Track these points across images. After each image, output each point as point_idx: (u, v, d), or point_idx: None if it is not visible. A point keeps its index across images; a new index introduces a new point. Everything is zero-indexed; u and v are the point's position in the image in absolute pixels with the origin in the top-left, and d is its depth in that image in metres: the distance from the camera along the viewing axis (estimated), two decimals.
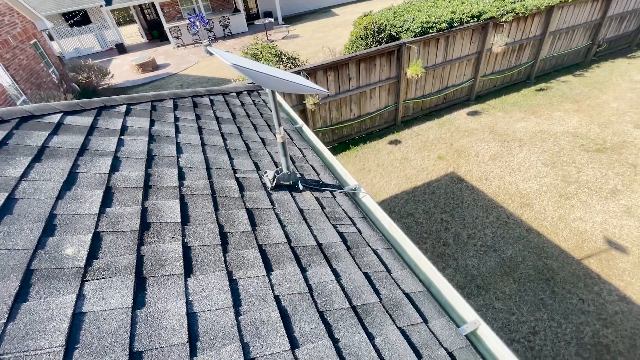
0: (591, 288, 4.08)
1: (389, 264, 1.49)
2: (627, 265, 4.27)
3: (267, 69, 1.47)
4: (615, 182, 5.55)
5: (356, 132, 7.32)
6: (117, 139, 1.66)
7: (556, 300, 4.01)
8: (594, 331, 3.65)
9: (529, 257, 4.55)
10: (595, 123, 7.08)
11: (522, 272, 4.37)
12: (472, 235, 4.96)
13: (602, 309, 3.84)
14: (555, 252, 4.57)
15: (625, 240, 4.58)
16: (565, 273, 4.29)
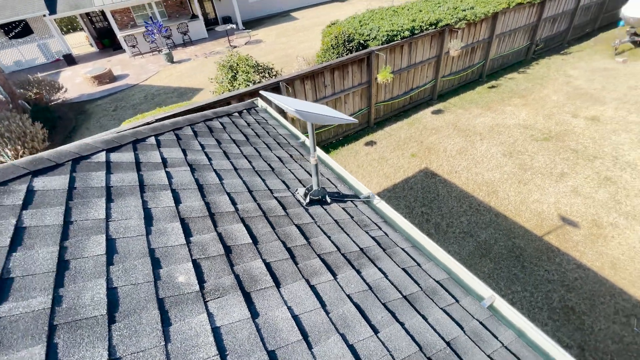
0: (553, 260, 4.76)
1: (417, 259, 1.80)
2: (580, 237, 5.03)
3: (309, 107, 1.71)
4: (562, 166, 6.43)
5: (334, 135, 7.65)
6: (165, 172, 1.79)
7: (526, 273, 4.64)
8: (560, 296, 4.30)
9: (500, 239, 5.17)
10: (541, 115, 8.06)
11: (496, 253, 4.96)
12: (450, 224, 5.50)
13: (564, 276, 4.53)
14: (520, 232, 5.24)
15: (576, 216, 5.37)
16: (531, 249, 4.95)
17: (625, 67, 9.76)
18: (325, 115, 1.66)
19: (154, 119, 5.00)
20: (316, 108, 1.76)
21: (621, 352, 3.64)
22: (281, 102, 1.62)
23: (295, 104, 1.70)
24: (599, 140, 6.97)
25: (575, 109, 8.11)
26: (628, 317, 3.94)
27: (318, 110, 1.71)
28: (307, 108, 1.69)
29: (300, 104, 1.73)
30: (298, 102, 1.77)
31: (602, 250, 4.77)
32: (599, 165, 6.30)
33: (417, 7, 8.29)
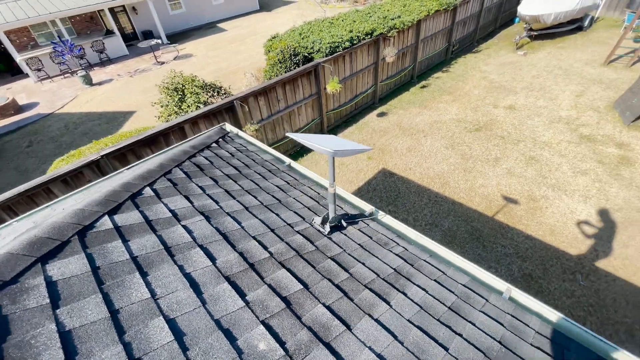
0: (506, 235, 5.46)
1: (439, 267, 1.95)
2: (522, 212, 5.84)
3: (326, 140, 1.74)
4: (495, 152, 7.38)
5: (292, 147, 7.66)
6: (182, 227, 1.65)
7: (488, 252, 5.24)
8: (518, 267, 4.95)
9: (460, 225, 5.74)
10: (469, 108, 9.14)
11: (460, 238, 5.50)
12: (416, 218, 5.93)
13: (518, 248, 5.22)
14: (475, 216, 5.89)
15: (515, 194, 6.22)
16: (487, 230, 5.60)
17: (526, 59, 11.60)
18: (346, 150, 1.70)
19: (98, 155, 4.47)
20: (332, 141, 1.80)
21: (575, 305, 4.35)
22: (308, 142, 1.62)
23: (315, 139, 1.71)
24: (519, 125, 8.17)
25: (494, 100, 9.37)
26: (573, 274, 4.72)
27: (336, 144, 1.75)
28: (327, 142, 1.72)
29: (318, 139, 1.75)
30: (314, 137, 1.79)
31: (541, 220, 5.62)
32: (523, 148, 7.39)
33: (350, 18, 8.76)
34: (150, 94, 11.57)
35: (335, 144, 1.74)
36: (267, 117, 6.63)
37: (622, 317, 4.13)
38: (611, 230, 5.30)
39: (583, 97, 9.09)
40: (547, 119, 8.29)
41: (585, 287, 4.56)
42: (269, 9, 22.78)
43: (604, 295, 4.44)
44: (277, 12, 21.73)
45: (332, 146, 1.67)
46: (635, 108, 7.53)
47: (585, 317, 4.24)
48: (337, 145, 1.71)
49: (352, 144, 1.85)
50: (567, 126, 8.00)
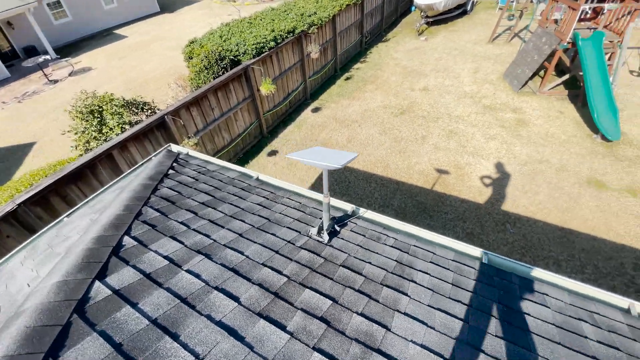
0: (445, 203, 6.19)
1: (428, 249, 2.16)
2: (453, 180, 6.67)
3: (320, 154, 1.77)
4: (420, 131, 8.20)
5: (234, 155, 7.36)
6: (187, 272, 1.52)
7: (434, 220, 5.88)
8: (461, 228, 5.68)
9: (407, 201, 6.31)
10: (391, 94, 9.92)
11: (410, 213, 6.06)
12: (370, 203, 6.31)
13: (457, 212, 5.97)
14: (418, 191, 6.52)
15: (444, 166, 7.05)
16: (429, 201, 6.27)
17: (428, 44, 12.98)
18: (338, 160, 1.76)
19: (14, 205, 3.71)
20: (322, 153, 1.84)
21: (511, 250, 5.20)
22: (307, 160, 1.63)
23: (309, 156, 1.73)
24: (434, 105, 9.19)
25: (410, 84, 10.33)
26: (504, 225, 5.62)
27: (326, 156, 1.80)
28: (319, 157, 1.76)
29: (312, 155, 1.77)
30: (307, 152, 1.80)
31: (469, 184, 6.51)
32: (442, 124, 8.37)
33: (268, 17, 8.65)
34: (49, 120, 9.81)
35: (325, 156, 1.79)
36: (203, 128, 6.23)
37: (548, 252, 5.11)
38: (523, 181, 6.43)
39: (479, 72, 10.62)
40: (456, 96, 9.50)
41: (515, 234, 5.49)
42: (172, 10, 20.96)
43: (530, 237, 5.41)
44: (180, 14, 20.14)
45: (325, 160, 1.71)
46: (520, 77, 9.12)
47: (521, 258, 5.12)
48: (328, 158, 1.75)
49: (337, 153, 1.92)
50: (472, 100, 9.29)
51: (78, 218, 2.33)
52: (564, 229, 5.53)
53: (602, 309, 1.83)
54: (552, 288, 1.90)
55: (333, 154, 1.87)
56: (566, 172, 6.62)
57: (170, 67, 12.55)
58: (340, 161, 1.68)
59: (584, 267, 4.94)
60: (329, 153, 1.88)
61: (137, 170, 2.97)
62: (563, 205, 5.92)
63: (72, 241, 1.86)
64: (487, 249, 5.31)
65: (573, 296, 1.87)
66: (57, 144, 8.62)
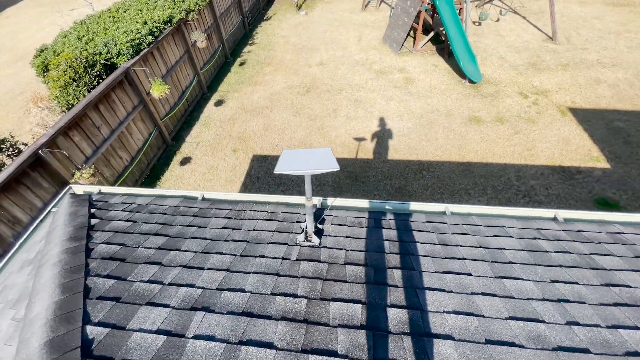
0: (371, 166, 6.66)
1: (402, 218, 2.31)
2: (371, 145, 7.18)
3: (304, 159, 1.63)
4: (330, 105, 8.46)
5: (140, 175, 6.33)
6: (198, 340, 1.27)
7: (367, 185, 6.31)
8: (390, 185, 6.25)
9: (339, 175, 6.56)
10: (291, 74, 9.83)
11: (344, 185, 6.34)
12: None
13: (382, 173, 6.51)
14: (345, 163, 6.83)
15: (360, 134, 7.50)
16: (358, 169, 6.65)
17: (309, 18, 13.12)
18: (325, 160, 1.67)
19: None
20: (299, 158, 1.71)
21: (433, 193, 5.99)
22: (297, 171, 1.49)
23: (294, 164, 1.59)
24: (334, 77, 9.52)
25: (306, 61, 10.41)
26: (421, 172, 6.40)
27: (307, 160, 1.68)
28: (301, 163, 1.64)
29: (292, 162, 1.63)
30: (288, 161, 1.64)
31: (383, 145, 7.12)
32: (346, 95, 8.78)
33: (134, 7, 7.33)
34: None
35: (305, 159, 1.67)
36: (93, 153, 5.11)
37: (459, 185, 6.07)
38: (424, 132, 7.35)
39: (362, 40, 11.35)
40: (350, 65, 10.02)
41: (432, 178, 6.32)
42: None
43: (443, 177, 6.32)
44: (6, 16, 15.39)
45: (313, 163, 1.61)
46: (398, 39, 10.10)
47: (441, 196, 5.96)
48: (311, 160, 1.64)
49: (310, 153, 1.81)
50: (364, 67, 9.93)
51: None
52: (464, 163, 6.62)
53: (541, 223, 2.29)
54: (506, 219, 2.27)
55: (309, 154, 1.76)
56: (452, 116, 7.83)
57: (14, 86, 9.71)
58: (329, 161, 1.60)
59: (485, 190, 6.07)
60: (305, 155, 1.76)
61: (34, 233, 2.28)
62: (458, 144, 7.05)
63: None
64: (415, 198, 6.07)
65: (521, 221, 2.27)
66: None
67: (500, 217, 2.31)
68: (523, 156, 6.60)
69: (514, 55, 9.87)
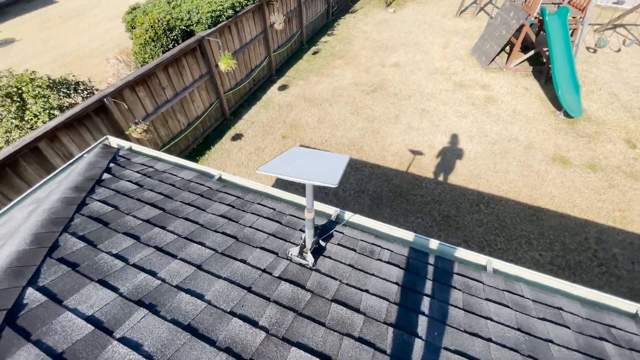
0: (421, 185, 6.04)
1: (429, 261, 1.86)
2: (427, 161, 6.52)
3: (301, 160, 1.33)
4: (393, 110, 7.91)
5: (193, 141, 6.60)
6: (123, 344, 1.07)
7: (410, 203, 5.73)
8: (437, 210, 5.58)
9: (383, 185, 6.08)
10: (361, 71, 9.44)
11: (386, 198, 5.84)
12: (345, 189, 6.00)
13: (433, 194, 5.85)
14: (393, 174, 6.31)
15: (418, 146, 6.87)
16: (405, 184, 6.09)
17: (397, 16, 12.49)
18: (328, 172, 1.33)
19: None
20: (303, 158, 1.40)
21: (486, 232, 5.20)
22: (288, 174, 1.19)
23: (291, 165, 1.29)
24: (406, 82, 8.89)
25: (381, 60, 9.90)
26: (478, 206, 5.60)
27: (310, 162, 1.36)
28: (300, 165, 1.32)
29: (292, 161, 1.33)
30: (288, 159, 1.35)
31: (442, 164, 6.40)
32: (414, 102, 8.12)
33: None
34: None
35: (309, 163, 1.35)
36: (154, 111, 5.41)
37: (520, 231, 5.17)
38: (494, 160, 6.43)
39: (448, 48, 10.42)
40: (427, 72, 9.26)
41: (489, 214, 5.49)
42: None
43: (503, 217, 5.45)
44: None
45: (311, 171, 1.28)
46: (489, 53, 9.03)
47: (495, 239, 5.14)
48: (314, 167, 1.32)
49: (321, 155, 1.49)
50: (442, 76, 9.10)
51: None
52: (533, 207, 5.63)
53: (615, 319, 1.66)
54: (567, 301, 1.69)
55: (317, 158, 1.44)
56: (534, 149, 6.73)
57: (110, 39, 10.97)
58: (332, 173, 1.26)
59: (553, 244, 5.07)
60: (312, 158, 1.44)
61: (60, 174, 2.33)
62: (532, 183, 6.02)
63: None
64: (462, 231, 5.32)
65: (587, 308, 1.67)
66: None
67: (559, 295, 1.73)
68: (612, 216, 5.39)
69: (630, 94, 8.16)
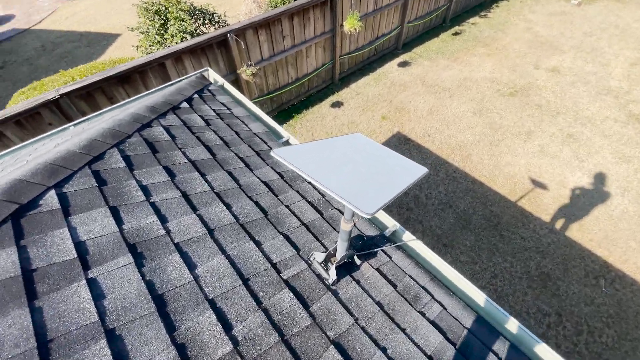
0: (528, 226, 4.84)
1: (492, 345, 1.31)
2: (549, 200, 5.15)
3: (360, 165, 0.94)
4: (528, 124, 6.40)
5: (295, 96, 6.64)
6: (88, 287, 0.96)
7: (505, 242, 4.68)
8: (536, 263, 4.43)
9: (477, 208, 5.09)
10: (505, 67, 7.83)
11: (475, 223, 4.90)
12: (429, 196, 5.26)
13: (539, 242, 4.65)
14: (496, 199, 5.20)
15: (545, 178, 5.45)
16: (507, 216, 4.97)
17: (580, 10, 9.79)
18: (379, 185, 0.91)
19: (57, 94, 3.61)
20: (355, 157, 1.00)
21: (593, 314, 3.91)
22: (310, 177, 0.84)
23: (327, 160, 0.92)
24: (560, 93, 7.02)
25: (536, 59, 8.00)
26: (597, 279, 4.22)
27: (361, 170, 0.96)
28: (340, 165, 0.93)
29: (336, 156, 0.95)
30: (333, 150, 0.98)
31: (570, 212, 4.95)
32: (561, 122, 6.39)
33: None
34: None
35: (358, 163, 0.95)
36: (268, 58, 5.51)
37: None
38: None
39: (638, 66, 7.73)
40: (594, 89, 7.11)
41: (608, 295, 4.09)
42: None
43: (627, 307, 3.99)
44: None
45: (348, 175, 0.89)
46: None
47: (602, 328, 3.83)
48: (359, 170, 0.92)
49: (386, 155, 1.06)
50: (615, 100, 6.87)
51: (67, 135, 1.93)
52: None
53: None
54: None
55: (376, 160, 1.02)
56: None
57: None
58: (378, 192, 0.85)
59: None
60: (370, 157, 1.03)
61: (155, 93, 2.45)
62: None
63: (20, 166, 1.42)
64: (559, 301, 4.11)
65: None
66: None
67: None
68: None
69: None
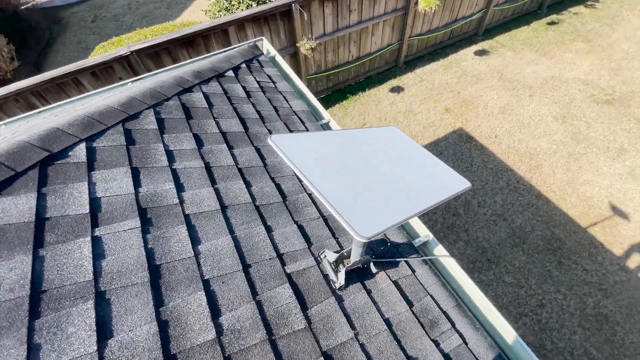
0: (595, 258, 4.17)
1: None
2: (629, 232, 4.35)
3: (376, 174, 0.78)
4: (622, 140, 5.38)
5: (353, 76, 6.36)
6: (91, 244, 0.97)
7: (562, 271, 4.09)
8: (595, 302, 3.82)
9: (537, 226, 4.50)
10: (606, 68, 6.59)
11: (531, 243, 4.35)
12: (482, 204, 4.77)
13: (604, 279, 3.99)
14: (563, 220, 4.54)
15: (628, 205, 4.60)
16: (571, 243, 4.32)
17: None
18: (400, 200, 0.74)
19: (128, 51, 3.86)
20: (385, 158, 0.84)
21: None
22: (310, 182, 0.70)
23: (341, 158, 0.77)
24: None
25: None
26: None
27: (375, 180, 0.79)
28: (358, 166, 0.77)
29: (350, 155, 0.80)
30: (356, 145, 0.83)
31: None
32: None
33: None
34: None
35: (381, 168, 0.79)
36: (330, 33, 5.28)
37: None
38: None
39: None
40: None
41: None
42: None
43: None
44: None
45: (363, 182, 0.73)
46: None
47: None
48: (377, 180, 0.76)
49: (424, 160, 0.87)
50: None
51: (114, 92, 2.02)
52: None
53: None
54: None
55: (407, 164, 0.84)
56: None
57: None
58: (392, 209, 0.69)
59: None
60: (399, 160, 0.85)
61: (207, 59, 2.45)
62: None
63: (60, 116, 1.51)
64: (612, 347, 3.51)
65: None
66: None
67: None
68: None
69: None
